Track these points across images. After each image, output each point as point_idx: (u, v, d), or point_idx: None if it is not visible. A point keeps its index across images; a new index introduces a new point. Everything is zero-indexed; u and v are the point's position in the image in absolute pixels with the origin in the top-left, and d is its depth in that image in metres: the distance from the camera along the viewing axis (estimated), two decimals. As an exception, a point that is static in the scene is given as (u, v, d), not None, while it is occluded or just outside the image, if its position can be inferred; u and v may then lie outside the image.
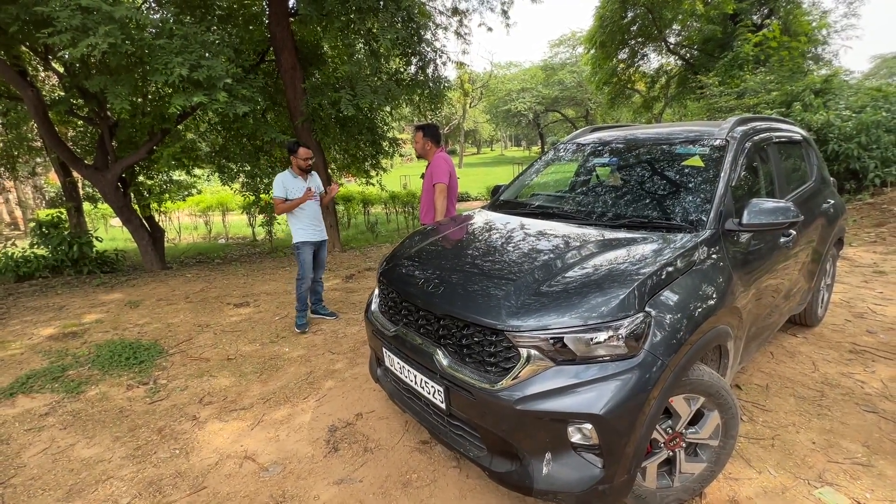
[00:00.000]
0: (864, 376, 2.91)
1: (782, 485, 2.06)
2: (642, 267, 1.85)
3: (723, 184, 2.30)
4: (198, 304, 4.95)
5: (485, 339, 1.80)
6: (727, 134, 2.57)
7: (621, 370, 1.62)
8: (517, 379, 1.68)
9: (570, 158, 3.30)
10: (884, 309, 3.95)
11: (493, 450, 1.83)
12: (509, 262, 2.12)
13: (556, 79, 34.47)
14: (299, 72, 6.93)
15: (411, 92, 6.64)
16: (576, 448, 1.67)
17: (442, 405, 1.93)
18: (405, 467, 2.29)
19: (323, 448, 2.46)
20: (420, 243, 2.62)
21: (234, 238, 12.32)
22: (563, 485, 1.67)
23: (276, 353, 3.66)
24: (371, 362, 2.69)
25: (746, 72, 12.47)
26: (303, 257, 4.03)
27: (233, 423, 2.73)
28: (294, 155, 3.95)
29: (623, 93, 19.44)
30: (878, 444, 2.28)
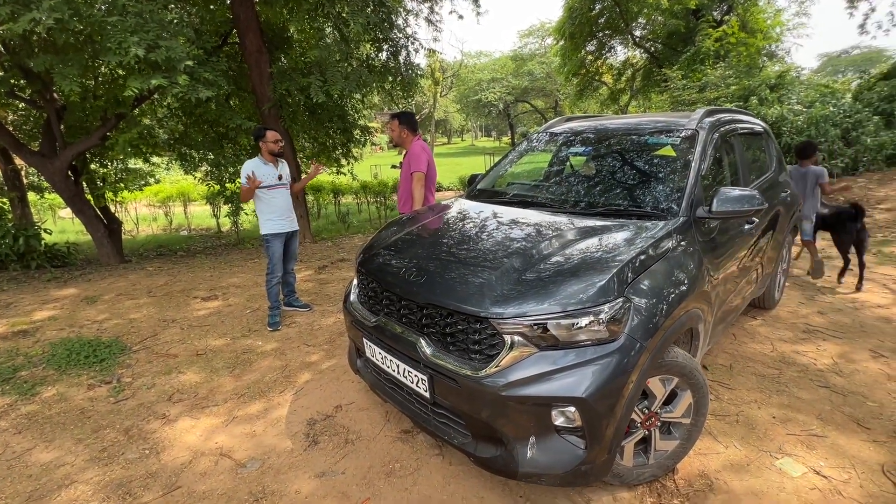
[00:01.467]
0: (816, 354, 3.12)
1: (747, 457, 2.18)
2: (620, 254, 1.90)
3: (693, 173, 2.38)
4: (162, 298, 4.72)
5: (469, 326, 1.80)
6: (696, 125, 2.66)
7: (603, 354, 1.66)
8: (502, 365, 1.69)
9: (544, 148, 3.33)
10: (831, 291, 4.23)
11: (477, 436, 1.84)
12: (490, 251, 2.12)
13: (525, 69, 34.68)
14: (265, 55, 6.65)
15: (383, 79, 6.50)
16: (559, 431, 1.71)
17: (426, 394, 1.93)
18: (388, 457, 2.28)
19: (302, 441, 2.42)
20: (398, 233, 2.59)
21: (198, 229, 11.81)
22: (547, 467, 1.71)
23: (249, 346, 3.55)
24: (350, 353, 2.66)
25: (707, 66, 12.93)
26: (272, 250, 3.89)
27: (205, 420, 2.63)
28: (262, 140, 3.79)
29: (591, 84, 19.80)
30: (829, 417, 2.45)
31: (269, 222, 3.85)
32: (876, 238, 6.01)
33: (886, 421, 2.40)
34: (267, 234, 3.85)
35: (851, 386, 2.73)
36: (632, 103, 23.62)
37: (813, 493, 1.95)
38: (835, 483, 2.00)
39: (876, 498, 1.91)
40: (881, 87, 10.56)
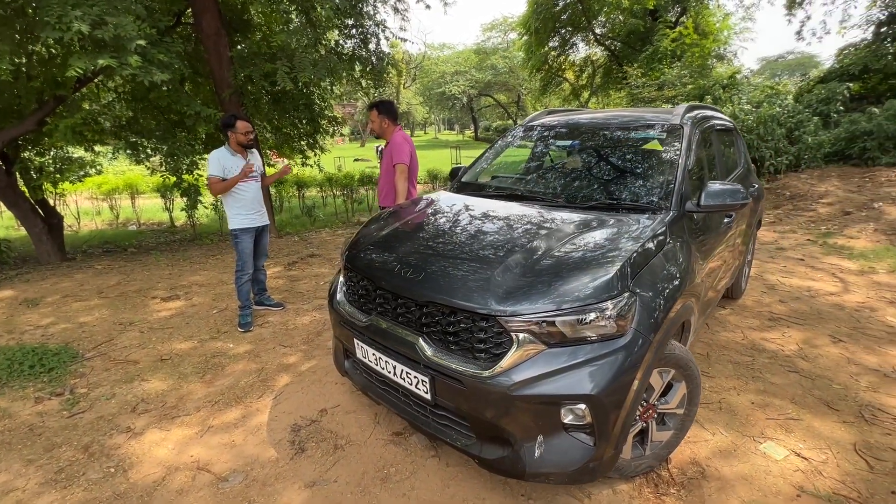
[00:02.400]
0: (783, 341, 3.29)
1: (733, 443, 2.26)
2: (622, 248, 1.89)
3: (682, 167, 2.42)
4: (115, 299, 4.35)
5: (474, 325, 1.73)
6: (680, 119, 2.71)
7: (611, 349, 1.64)
8: (509, 364, 1.64)
9: (528, 141, 3.30)
10: (789, 280, 4.50)
11: (482, 437, 1.79)
12: (489, 246, 2.06)
13: (488, 63, 34.81)
14: (224, 38, 6.23)
15: (351, 67, 6.25)
16: (567, 429, 1.68)
17: (427, 395, 1.85)
18: (381, 462, 2.19)
19: (288, 450, 2.28)
20: (387, 227, 2.47)
21: (148, 224, 11.02)
22: (556, 465, 1.68)
23: (219, 349, 3.32)
24: (336, 354, 2.53)
25: (665, 65, 13.45)
26: (242, 246, 3.65)
27: (176, 432, 2.43)
28: (232, 130, 3.53)
29: (554, 80, 20.11)
30: (802, 400, 2.59)
31: (239, 216, 3.61)
32: (820, 230, 6.47)
33: (851, 402, 2.56)
34: (236, 228, 3.60)
35: (817, 370, 2.89)
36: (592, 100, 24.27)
37: (797, 475, 2.04)
38: (815, 464, 2.11)
39: (852, 476, 2.03)
40: (819, 89, 11.34)
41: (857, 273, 4.69)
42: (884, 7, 11.51)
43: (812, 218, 7.03)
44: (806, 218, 7.06)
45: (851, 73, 11.43)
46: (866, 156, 9.19)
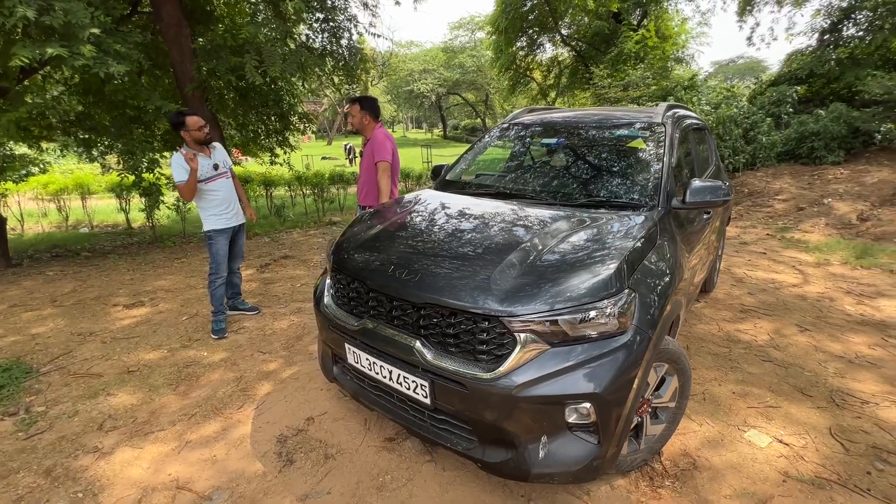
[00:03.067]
0: (755, 331, 3.44)
1: (719, 433, 2.32)
2: (618, 245, 1.89)
3: (667, 165, 2.46)
4: (71, 307, 4.03)
5: (475, 326, 1.69)
6: (662, 118, 2.76)
7: (614, 347, 1.64)
8: (513, 365, 1.61)
9: (514, 138, 3.29)
10: (755, 273, 4.72)
11: (485, 440, 1.75)
12: (485, 245, 2.02)
13: (456, 62, 34.85)
14: (186, 29, 5.90)
15: (322, 63, 6.05)
16: (571, 428, 1.67)
17: (426, 400, 1.79)
18: (375, 469, 2.11)
19: (275, 462, 2.16)
20: (376, 227, 2.39)
21: (101, 226, 10.34)
22: (560, 465, 1.66)
23: (192, 358, 3.13)
24: (324, 359, 2.42)
25: (629, 67, 13.87)
26: (215, 248, 3.45)
27: (151, 449, 2.26)
28: (183, 128, 3.25)
29: (522, 80, 20.35)
30: (778, 388, 2.70)
31: (213, 217, 3.41)
32: (778, 225, 6.84)
33: (822, 388, 2.69)
34: (210, 230, 3.41)
35: (789, 358, 3.03)
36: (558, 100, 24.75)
37: (781, 461, 2.12)
38: (796, 449, 2.20)
39: (831, 459, 2.13)
40: (770, 92, 11.99)
41: (814, 265, 4.98)
42: (826, 16, 12.29)
43: (770, 214, 7.42)
44: (764, 214, 7.45)
45: (799, 77, 12.14)
46: (814, 155, 9.79)
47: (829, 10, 12.16)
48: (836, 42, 12.28)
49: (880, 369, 2.86)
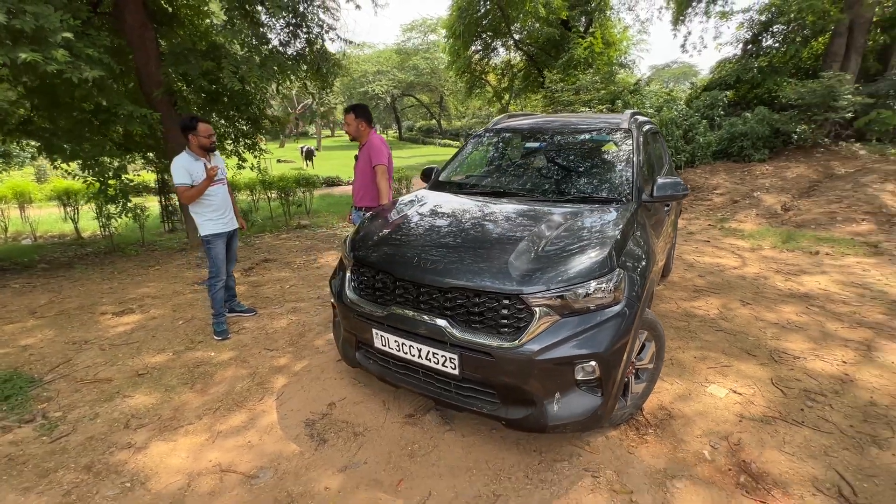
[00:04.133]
0: (707, 307, 3.98)
1: (686, 389, 2.77)
2: (606, 233, 2.27)
3: (636, 164, 2.89)
4: (55, 318, 3.93)
5: (498, 304, 2.00)
6: (629, 124, 3.20)
7: (611, 316, 2.00)
8: (533, 334, 1.93)
9: (499, 142, 3.63)
10: (702, 259, 5.36)
11: (507, 400, 2.06)
12: (494, 236, 2.33)
13: (410, 63, 35.03)
14: (151, 32, 5.80)
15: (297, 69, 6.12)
16: (579, 384, 2.01)
17: (454, 371, 2.08)
18: (403, 441, 2.37)
19: (309, 442, 2.36)
20: (388, 225, 2.64)
21: (46, 237, 9.69)
22: (571, 416, 2.00)
23: (200, 359, 3.22)
24: (345, 347, 2.63)
25: (580, 72, 14.73)
26: (215, 252, 3.55)
27: (184, 441, 2.39)
28: (193, 133, 3.39)
29: (478, 83, 20.91)
30: (730, 351, 3.21)
31: (210, 222, 3.50)
32: (717, 216, 7.66)
33: (764, 349, 3.23)
34: (208, 234, 3.49)
35: (735, 327, 3.58)
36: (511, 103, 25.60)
37: (736, 406, 2.59)
38: (747, 397, 2.68)
39: (774, 402, 2.62)
40: (704, 96, 13.19)
41: (750, 250, 5.71)
42: (749, 29, 13.68)
43: (710, 206, 8.28)
44: (705, 206, 8.30)
45: (728, 83, 13.42)
46: (744, 153, 10.93)
47: (751, 23, 13.55)
48: (758, 52, 13.71)
49: (806, 332, 3.46)
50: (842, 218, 6.80)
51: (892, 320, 3.58)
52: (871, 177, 8.09)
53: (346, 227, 8.17)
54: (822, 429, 2.38)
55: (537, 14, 15.40)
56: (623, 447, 2.29)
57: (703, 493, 1.99)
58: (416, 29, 34.77)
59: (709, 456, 2.22)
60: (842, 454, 2.20)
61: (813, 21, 12.51)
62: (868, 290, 4.24)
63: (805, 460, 2.17)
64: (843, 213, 6.91)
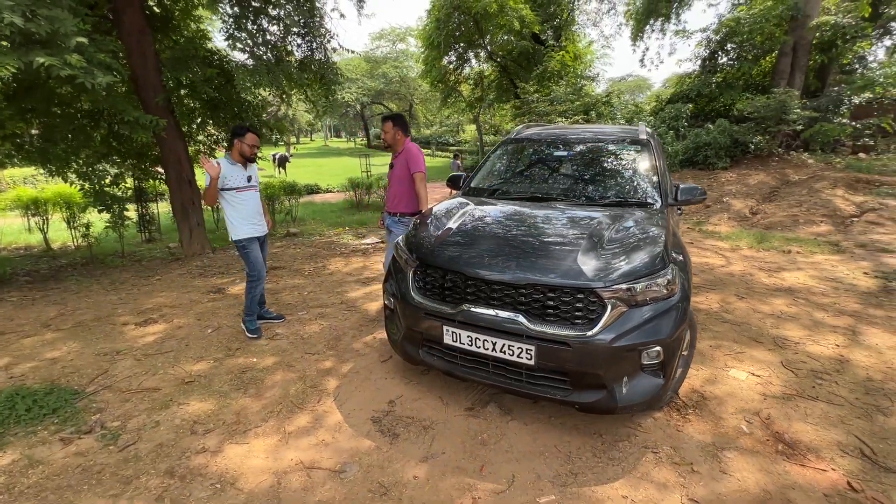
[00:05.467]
0: (708, 302, 4.36)
1: (711, 374, 3.07)
2: (655, 232, 2.53)
3: (661, 171, 3.20)
4: (74, 330, 3.78)
5: (573, 298, 2.20)
6: (647, 135, 3.52)
7: (670, 306, 2.24)
8: (606, 324, 2.14)
9: (526, 151, 3.86)
10: (692, 259, 5.79)
11: (579, 386, 2.25)
12: (554, 236, 2.54)
13: (380, 72, 35.11)
14: (148, 37, 5.67)
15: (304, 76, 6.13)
16: (644, 368, 2.24)
17: (530, 361, 2.25)
18: (471, 432, 2.51)
19: (382, 438, 2.46)
20: (446, 229, 2.79)
21: (10, 249, 9.05)
22: (638, 398, 2.22)
23: (244, 365, 3.23)
24: (404, 346, 2.74)
25: (553, 83, 15.40)
26: (252, 255, 3.61)
27: (258, 443, 2.42)
28: (240, 139, 3.50)
29: (453, 93, 21.31)
30: (740, 339, 3.56)
31: (243, 226, 3.56)
32: (694, 220, 8.25)
33: (767, 336, 3.60)
34: (241, 238, 3.55)
35: (738, 319, 3.95)
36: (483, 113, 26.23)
37: (758, 387, 2.90)
38: (764, 378, 3.00)
39: (788, 382, 2.96)
40: (669, 108, 14.12)
41: (730, 250, 6.23)
42: (706, 47, 14.78)
43: (685, 210, 8.88)
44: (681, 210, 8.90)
45: (689, 96, 14.43)
46: (708, 161, 11.77)
47: (708, 42, 14.65)
48: (714, 68, 14.82)
49: (799, 321, 3.88)
50: (803, 220, 7.53)
51: (866, 309, 4.07)
52: (822, 183, 8.97)
53: (338, 235, 8.18)
54: (834, 402, 2.73)
55: (511, 27, 15.98)
56: (671, 426, 2.54)
57: (752, 461, 2.26)
58: (385, 37, 34.96)
59: (746, 430, 2.50)
60: (856, 422, 2.54)
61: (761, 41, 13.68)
62: (840, 283, 4.76)
63: (827, 429, 2.49)
64: (804, 216, 7.64)
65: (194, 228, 6.64)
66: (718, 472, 2.19)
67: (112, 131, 5.83)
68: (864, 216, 7.36)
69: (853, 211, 7.70)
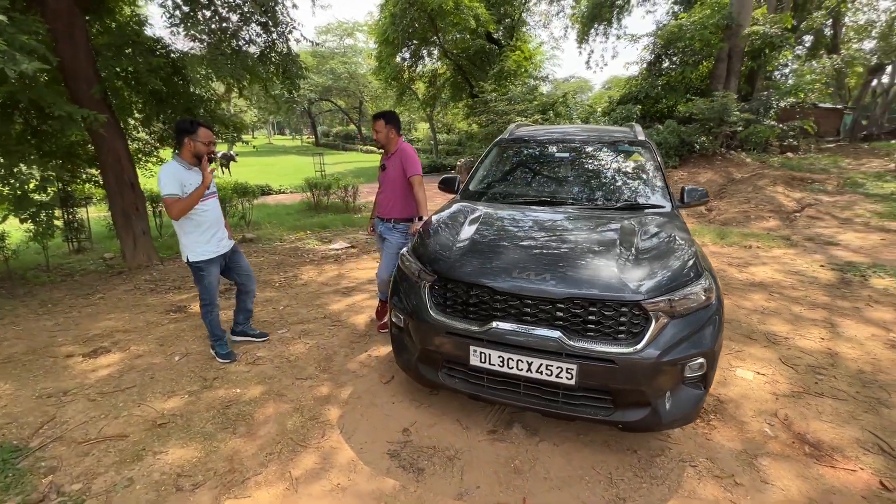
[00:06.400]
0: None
1: (720, 375, 3.06)
2: (682, 238, 2.46)
3: (663, 174, 3.16)
4: (3, 367, 3.13)
5: (616, 311, 2.05)
6: (644, 137, 3.48)
7: (709, 315, 2.16)
8: (651, 338, 2.02)
9: (522, 153, 3.70)
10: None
11: (621, 405, 2.11)
12: (585, 244, 2.39)
13: (327, 67, 33.89)
14: (80, 20, 4.92)
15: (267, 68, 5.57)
16: (685, 381, 2.15)
17: (570, 381, 2.08)
18: (501, 458, 2.31)
19: (405, 474, 2.20)
20: (461, 238, 2.56)
21: None
22: (680, 412, 2.13)
23: (227, 398, 2.81)
24: (419, 369, 2.48)
25: (510, 82, 15.52)
26: (207, 280, 3.12)
27: (261, 495, 2.08)
28: (191, 136, 2.95)
29: (407, 91, 20.95)
30: (735, 337, 3.62)
31: (201, 245, 3.06)
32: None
33: (759, 333, 3.70)
34: (199, 261, 3.05)
35: (727, 316, 4.03)
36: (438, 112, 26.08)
37: (766, 386, 2.94)
38: (770, 376, 3.05)
39: (791, 378, 3.02)
40: (620, 109, 14.68)
41: (697, 246, 6.47)
42: (651, 52, 15.52)
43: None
44: (642, 209, 9.21)
45: (637, 98, 15.09)
46: (660, 161, 12.35)
47: (653, 46, 15.38)
48: (659, 72, 15.60)
49: (780, 315, 4.04)
50: (754, 216, 8.03)
51: (834, 301, 4.32)
52: (764, 181, 9.65)
53: (300, 239, 7.66)
54: (839, 397, 2.81)
55: (467, 25, 15.91)
56: (699, 435, 2.48)
57: (787, 466, 2.24)
58: (332, 32, 33.79)
59: (770, 433, 2.50)
60: (864, 416, 2.62)
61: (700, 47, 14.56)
62: (803, 276, 5.06)
63: (842, 426, 2.54)
64: (754, 212, 8.16)
65: (139, 237, 5.90)
66: (760, 482, 2.15)
67: (30, 127, 5.01)
68: (804, 211, 7.97)
69: (794, 206, 8.33)
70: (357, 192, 11.77)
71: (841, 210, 8.00)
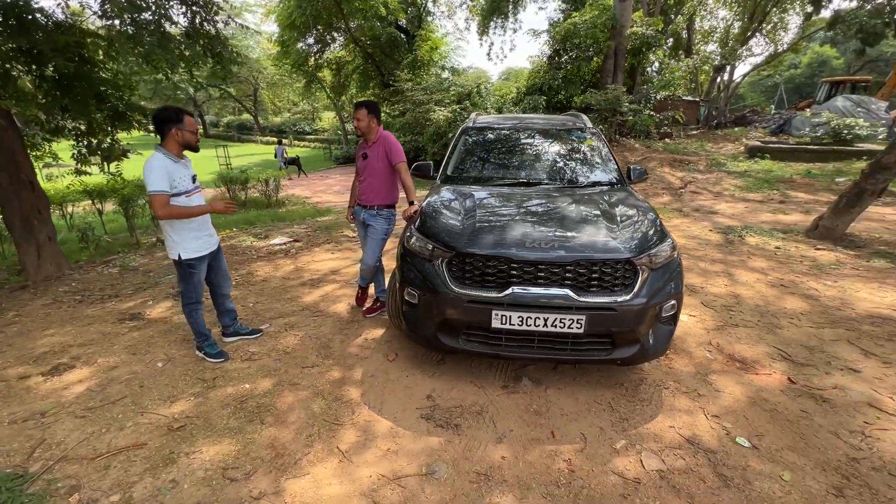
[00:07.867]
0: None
1: (664, 320, 3.77)
2: (646, 206, 3.01)
3: (612, 155, 3.73)
4: (-65, 401, 2.65)
5: (613, 269, 2.50)
6: (591, 123, 4.04)
7: (675, 266, 2.72)
8: (639, 288, 2.51)
9: (489, 139, 4.04)
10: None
11: (618, 345, 2.58)
12: (575, 216, 2.81)
13: (215, 50, 30.79)
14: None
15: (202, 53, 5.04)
16: (661, 320, 2.68)
17: (580, 330, 2.49)
18: (521, 407, 2.66)
19: (446, 433, 2.44)
20: (471, 217, 2.82)
21: None
22: (660, 345, 2.67)
23: (239, 393, 2.76)
24: (439, 339, 2.71)
25: (425, 72, 15.76)
26: (197, 278, 3.00)
27: (319, 470, 2.17)
28: (178, 126, 2.76)
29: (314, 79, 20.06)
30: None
31: (195, 241, 2.92)
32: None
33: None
34: (191, 259, 2.91)
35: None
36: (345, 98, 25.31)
37: (698, 324, 3.69)
38: (699, 317, 3.82)
39: (714, 316, 3.82)
40: (528, 100, 15.80)
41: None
42: (551, 46, 16.86)
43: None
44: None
45: (542, 89, 16.36)
46: (566, 147, 13.64)
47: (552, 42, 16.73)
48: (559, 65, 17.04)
49: (693, 270, 4.95)
50: (651, 193, 9.40)
51: (726, 257, 5.41)
52: (653, 163, 11.27)
53: (229, 236, 7.20)
54: (748, 325, 3.65)
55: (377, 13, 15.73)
56: (662, 367, 3.09)
57: (728, 378, 2.92)
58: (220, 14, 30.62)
59: (711, 357, 3.20)
60: (768, 337, 3.46)
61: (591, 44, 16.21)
62: (699, 239, 6.19)
63: (755, 345, 3.34)
64: (651, 190, 9.55)
65: (44, 245, 5.12)
66: (714, 391, 2.79)
67: None
68: (687, 187, 9.54)
69: (679, 184, 9.92)
70: (279, 185, 11.21)
71: (713, 185, 9.73)
